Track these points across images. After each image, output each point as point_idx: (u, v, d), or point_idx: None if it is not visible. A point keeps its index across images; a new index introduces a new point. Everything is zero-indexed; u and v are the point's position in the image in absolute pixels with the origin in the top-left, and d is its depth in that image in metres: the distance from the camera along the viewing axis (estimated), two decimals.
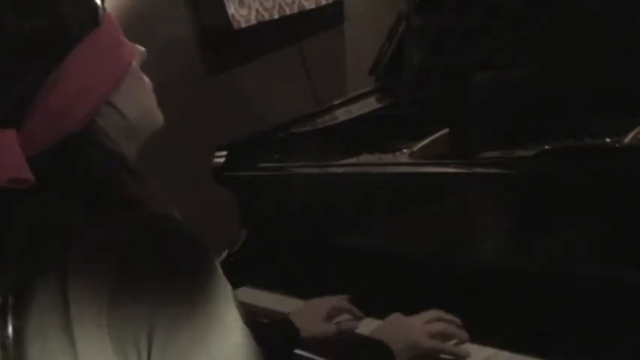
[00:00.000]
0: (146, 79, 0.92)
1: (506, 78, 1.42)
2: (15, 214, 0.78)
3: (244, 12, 2.48)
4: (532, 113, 1.34)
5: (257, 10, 2.51)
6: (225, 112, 2.38)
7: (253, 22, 2.50)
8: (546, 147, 1.26)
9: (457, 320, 1.23)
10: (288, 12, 2.58)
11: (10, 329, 0.75)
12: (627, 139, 1.20)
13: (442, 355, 1.20)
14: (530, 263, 1.22)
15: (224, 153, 1.77)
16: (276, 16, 2.55)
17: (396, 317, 1.25)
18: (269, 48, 2.57)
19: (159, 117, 0.93)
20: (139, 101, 0.89)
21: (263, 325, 1.35)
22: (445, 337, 1.22)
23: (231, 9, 2.45)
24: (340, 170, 1.55)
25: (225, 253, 1.72)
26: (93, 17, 0.83)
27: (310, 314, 1.35)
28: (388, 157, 1.55)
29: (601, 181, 1.13)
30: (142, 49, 0.91)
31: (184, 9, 2.42)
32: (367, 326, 1.35)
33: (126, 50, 0.87)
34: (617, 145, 1.21)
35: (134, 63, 0.89)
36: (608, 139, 1.24)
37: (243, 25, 2.48)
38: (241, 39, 2.49)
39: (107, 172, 0.82)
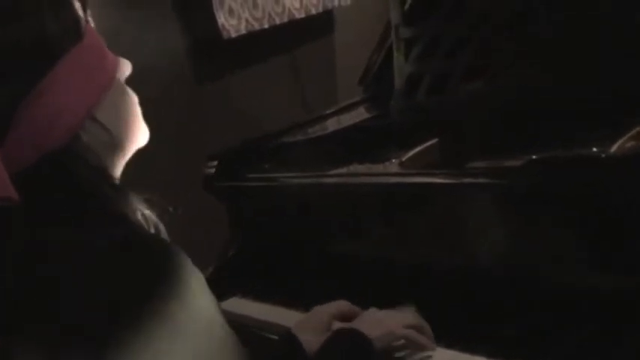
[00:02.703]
0: (131, 93, 0.91)
1: (494, 88, 1.43)
2: (9, 229, 0.78)
3: (234, 22, 2.48)
4: (520, 123, 1.35)
5: (247, 20, 2.52)
6: (215, 122, 2.39)
7: (243, 31, 2.50)
8: (534, 157, 1.27)
9: (429, 329, 1.24)
10: (278, 21, 2.59)
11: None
12: (614, 149, 1.21)
13: None
14: (518, 272, 1.23)
15: (214, 163, 1.77)
16: (266, 26, 2.56)
17: (371, 310, 1.26)
18: (259, 58, 2.57)
19: (144, 132, 0.92)
20: (124, 116, 0.88)
21: (264, 339, 1.33)
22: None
23: (221, 19, 2.44)
24: (330, 180, 1.55)
25: (214, 264, 1.72)
26: (75, 30, 0.83)
27: (312, 325, 1.28)
28: (378, 168, 1.56)
29: (588, 190, 1.14)
30: (127, 62, 0.90)
31: (174, 19, 2.43)
32: None
33: (109, 63, 0.86)
34: (604, 155, 1.22)
35: (118, 76, 0.88)
36: (595, 149, 1.25)
37: (233, 34, 2.47)
38: (231, 49, 2.50)
39: (90, 188, 0.82)
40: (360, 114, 1.80)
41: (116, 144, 0.88)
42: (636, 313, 1.08)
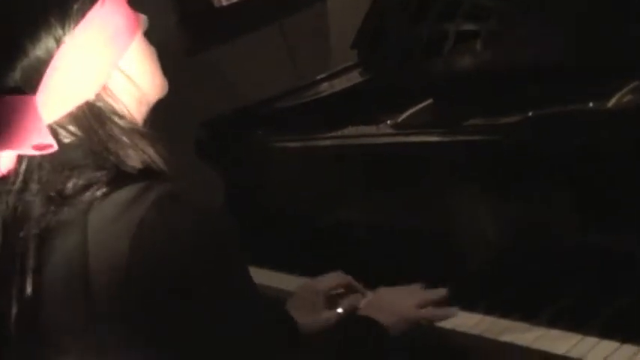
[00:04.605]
0: (150, 46, 0.95)
1: (489, 44, 1.42)
2: (37, 179, 0.83)
3: None
4: (515, 80, 1.34)
5: None
6: (207, 91, 2.36)
7: None
8: (530, 113, 1.26)
9: (443, 292, 1.23)
10: None
11: (29, 287, 0.81)
12: (611, 103, 1.20)
13: None
14: (516, 230, 1.23)
15: (207, 129, 1.76)
16: None
17: (382, 292, 1.24)
18: (251, 25, 2.54)
19: (164, 83, 0.97)
20: (146, 67, 0.93)
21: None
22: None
23: None
24: (325, 143, 1.54)
25: None
26: None
27: (307, 302, 1.26)
28: (372, 129, 1.55)
29: (585, 145, 1.13)
30: (145, 17, 0.95)
31: None
32: None
33: (131, 16, 0.91)
34: (601, 110, 1.21)
35: (140, 29, 0.92)
36: (591, 104, 1.23)
37: (225, 3, 2.46)
38: (223, 17, 2.47)
39: (121, 138, 0.86)
40: (354, 77, 1.79)
41: (140, 94, 0.92)
42: (632, 270, 1.08)
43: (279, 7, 2.58)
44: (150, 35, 0.97)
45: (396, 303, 1.19)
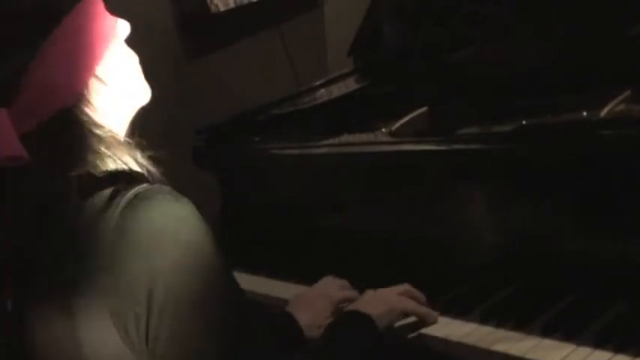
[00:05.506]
0: (131, 52, 0.93)
1: (483, 54, 1.42)
2: (13, 189, 0.82)
3: None
4: (509, 89, 1.34)
5: None
6: (205, 97, 2.37)
7: (232, 5, 2.47)
8: (524, 122, 1.26)
9: (423, 298, 1.23)
10: None
11: (9, 303, 0.80)
12: (603, 113, 1.21)
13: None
14: (510, 238, 1.23)
15: (204, 136, 1.76)
16: None
17: (369, 292, 1.24)
18: (248, 31, 2.54)
19: (146, 89, 0.95)
20: (125, 74, 0.91)
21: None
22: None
23: None
24: (321, 151, 1.55)
25: None
26: None
27: (314, 307, 1.24)
28: (369, 137, 1.55)
29: (578, 153, 1.14)
30: (126, 22, 0.93)
31: None
32: None
33: (109, 23, 0.89)
34: (594, 119, 1.21)
35: (119, 35, 0.91)
36: (584, 113, 1.24)
37: (222, 8, 2.45)
38: (220, 23, 2.47)
39: (99, 148, 0.84)
40: (350, 84, 1.79)
41: (119, 101, 0.90)
42: (626, 280, 1.09)
43: (275, 13, 2.58)
44: (147, 41, 0.96)
45: (382, 294, 1.20)
